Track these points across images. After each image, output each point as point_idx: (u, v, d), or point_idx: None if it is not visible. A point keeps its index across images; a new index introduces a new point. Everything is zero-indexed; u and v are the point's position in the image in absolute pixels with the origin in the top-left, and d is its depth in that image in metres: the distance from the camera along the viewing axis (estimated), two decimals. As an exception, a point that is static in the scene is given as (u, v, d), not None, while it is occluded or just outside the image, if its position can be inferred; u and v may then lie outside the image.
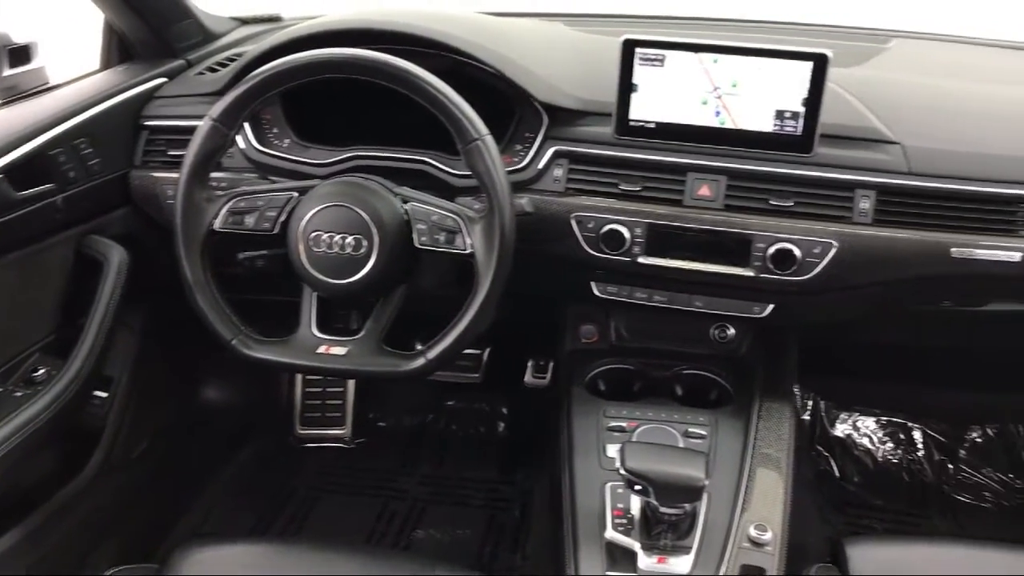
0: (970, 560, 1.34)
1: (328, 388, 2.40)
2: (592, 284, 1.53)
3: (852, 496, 2.22)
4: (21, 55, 1.58)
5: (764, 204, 1.39)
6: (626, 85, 1.38)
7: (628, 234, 1.41)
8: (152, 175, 1.59)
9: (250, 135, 1.53)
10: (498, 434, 2.42)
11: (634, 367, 1.64)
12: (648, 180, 1.42)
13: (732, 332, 1.62)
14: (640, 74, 1.37)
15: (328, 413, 2.39)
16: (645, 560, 1.18)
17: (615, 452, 1.24)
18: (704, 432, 1.44)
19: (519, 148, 1.47)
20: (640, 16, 2.05)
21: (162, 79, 1.68)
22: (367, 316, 1.34)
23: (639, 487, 1.16)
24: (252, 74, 1.28)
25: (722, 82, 1.36)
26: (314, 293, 1.33)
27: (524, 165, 1.45)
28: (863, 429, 2.34)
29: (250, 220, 1.32)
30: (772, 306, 1.47)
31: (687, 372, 1.62)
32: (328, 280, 1.28)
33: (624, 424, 1.46)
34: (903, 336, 1.80)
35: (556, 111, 1.46)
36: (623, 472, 1.16)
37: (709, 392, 1.60)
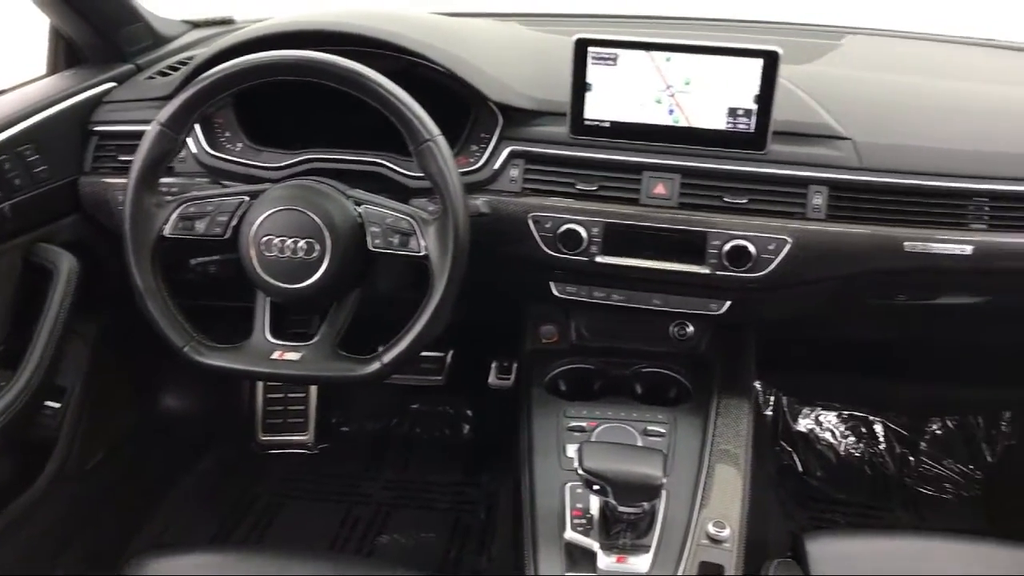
0: (927, 552, 1.35)
1: (290, 394, 2.37)
2: (551, 284, 1.53)
3: (815, 490, 2.23)
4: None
5: (719, 202, 1.39)
6: (580, 84, 1.38)
7: (585, 234, 1.41)
8: (102, 181, 1.57)
9: (202, 139, 1.51)
10: (463, 436, 2.41)
11: (594, 366, 1.64)
12: (604, 179, 1.42)
13: (691, 330, 1.62)
14: (593, 73, 1.37)
15: (290, 419, 2.37)
16: (604, 560, 1.18)
17: (575, 452, 1.23)
18: (663, 430, 1.44)
19: (475, 149, 1.47)
20: (597, 15, 2.05)
21: (111, 84, 1.66)
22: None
23: (597, 487, 1.16)
24: (200, 78, 1.26)
25: (675, 80, 1.36)
26: (267, 298, 1.32)
27: (480, 166, 1.45)
28: (825, 423, 2.35)
29: (201, 225, 1.30)
30: (729, 303, 1.47)
31: (647, 370, 1.62)
32: (281, 285, 1.27)
33: (584, 424, 1.46)
34: (861, 330, 1.81)
35: (511, 111, 1.46)
36: (581, 472, 1.16)
37: (669, 390, 1.60)
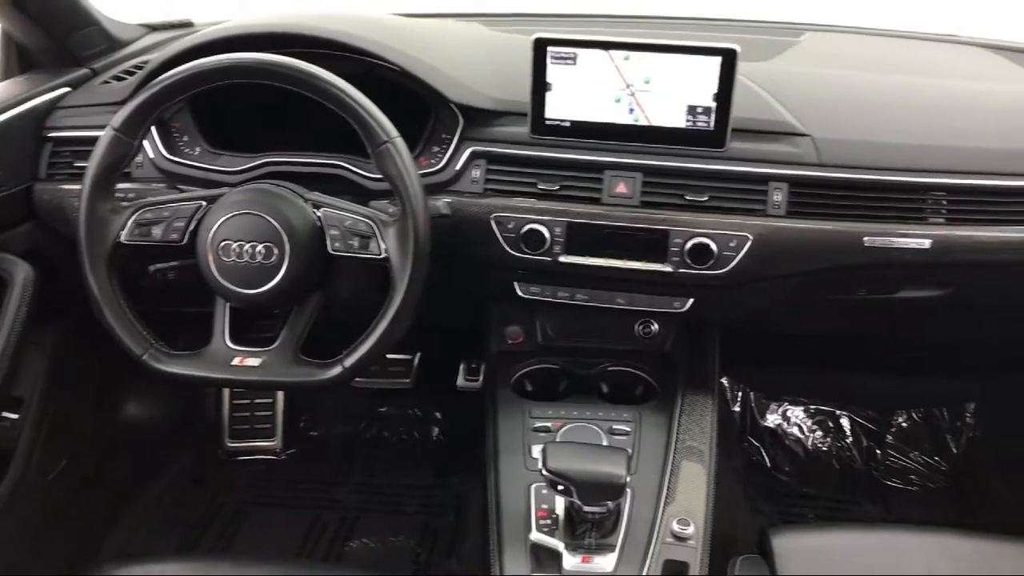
0: (891, 544, 1.36)
1: (257, 399, 2.35)
2: (515, 284, 1.53)
3: (783, 485, 2.24)
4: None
5: (680, 200, 1.39)
6: (540, 84, 1.38)
7: (548, 233, 1.41)
8: (57, 188, 1.54)
9: (159, 143, 1.49)
10: (432, 439, 2.40)
11: (560, 366, 1.64)
12: (566, 179, 1.42)
13: (656, 328, 1.63)
14: (553, 73, 1.37)
15: (257, 425, 2.34)
16: (570, 560, 1.18)
17: (540, 453, 1.23)
18: (628, 429, 1.45)
19: (436, 150, 1.46)
20: (560, 15, 2.05)
21: (66, 89, 1.63)
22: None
23: (561, 487, 1.16)
24: (154, 81, 1.24)
25: (634, 79, 1.36)
26: (227, 304, 1.30)
27: (441, 167, 1.44)
28: (792, 418, 2.37)
29: (157, 231, 1.28)
30: (692, 300, 1.47)
31: (612, 369, 1.62)
32: (239, 290, 1.26)
33: (549, 424, 1.46)
34: (823, 325, 1.82)
35: (471, 112, 1.45)
36: (545, 473, 1.16)
37: (634, 388, 1.60)
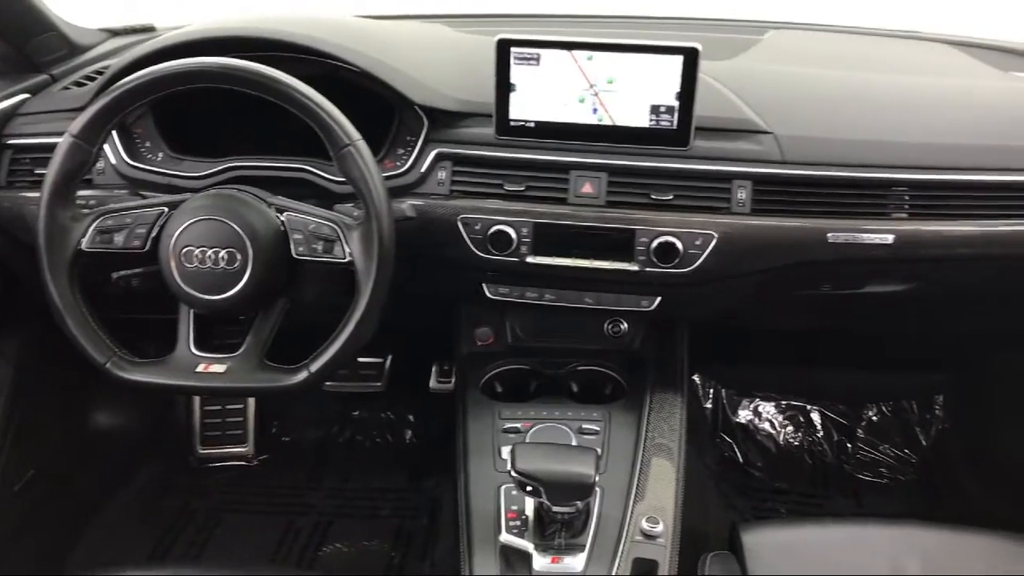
0: (860, 537, 1.38)
1: (228, 405, 2.33)
2: (483, 286, 1.52)
3: (756, 481, 2.26)
4: None
5: (645, 199, 1.39)
6: (504, 85, 1.38)
7: (515, 234, 1.41)
8: (17, 195, 1.52)
9: (120, 150, 1.48)
10: (406, 442, 2.40)
11: (530, 367, 1.64)
12: (532, 180, 1.42)
13: (625, 327, 1.63)
14: (517, 73, 1.37)
15: (229, 431, 2.33)
16: (539, 561, 1.19)
17: (509, 454, 1.23)
18: (598, 428, 1.45)
19: (401, 152, 1.45)
20: (524, 15, 2.04)
21: (24, 95, 1.60)
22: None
23: (530, 488, 1.16)
24: (112, 87, 1.23)
25: (598, 79, 1.36)
26: (191, 310, 1.29)
27: (407, 169, 1.44)
28: (764, 414, 2.38)
29: (119, 238, 1.27)
30: (659, 299, 1.48)
31: (582, 369, 1.63)
32: (203, 296, 1.25)
33: (519, 425, 1.46)
34: (791, 321, 1.83)
35: (436, 113, 1.45)
36: (514, 474, 1.16)
37: (604, 387, 1.61)
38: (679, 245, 1.37)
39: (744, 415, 2.38)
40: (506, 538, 1.23)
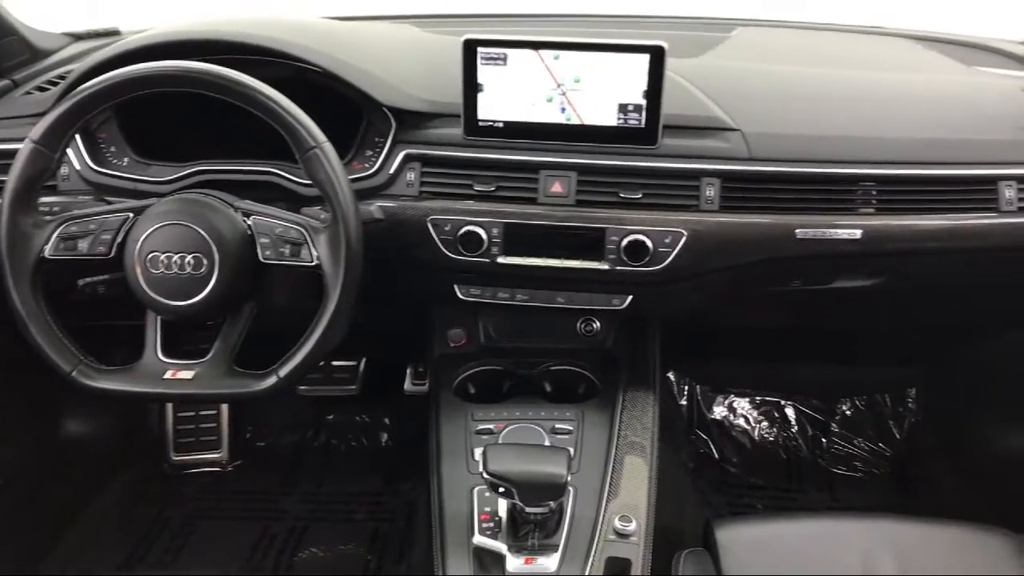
0: (833, 532, 1.39)
1: (201, 411, 2.32)
2: (455, 287, 1.52)
3: (732, 477, 2.27)
4: None
5: (615, 197, 1.40)
6: (471, 85, 1.37)
7: (485, 235, 1.40)
8: None
9: (85, 155, 1.46)
10: (381, 445, 2.39)
11: (503, 367, 1.64)
12: (501, 180, 1.42)
13: (598, 325, 1.63)
14: (484, 74, 1.36)
15: (202, 437, 2.31)
16: (513, 562, 1.18)
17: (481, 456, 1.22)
18: (571, 427, 1.45)
19: (369, 154, 1.45)
20: (493, 15, 2.03)
21: None
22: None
23: (503, 489, 1.15)
24: (73, 92, 1.22)
25: (565, 78, 1.36)
26: (158, 316, 1.28)
27: (375, 170, 1.43)
28: (739, 410, 2.39)
29: (83, 245, 1.25)
30: (631, 297, 1.48)
31: (555, 368, 1.62)
32: (169, 302, 1.23)
33: (492, 426, 1.46)
34: (763, 318, 1.84)
35: (404, 114, 1.44)
36: (486, 476, 1.15)
37: (577, 387, 1.60)
38: (649, 243, 1.37)
39: (719, 411, 2.39)
40: (479, 540, 1.22)
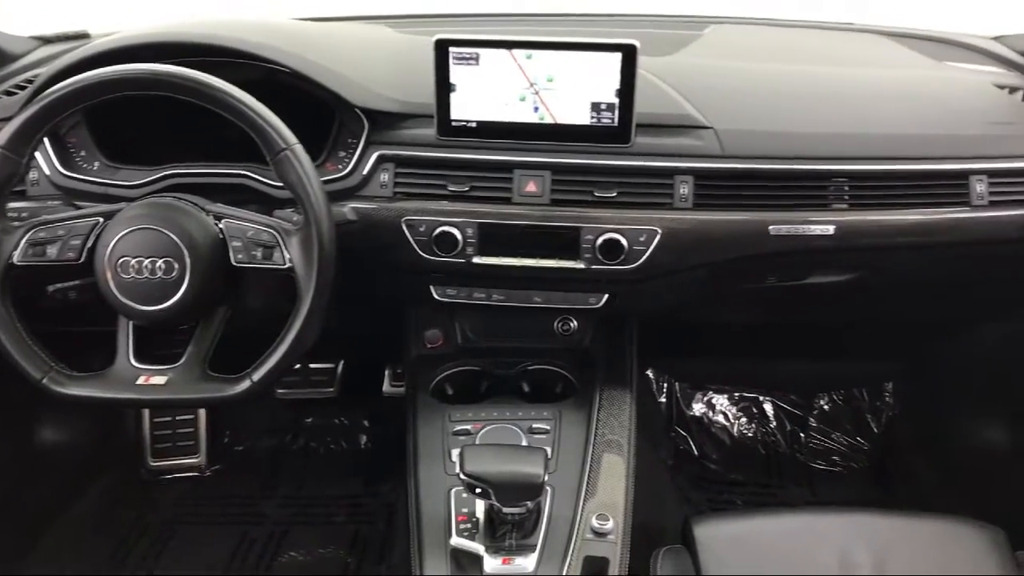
0: (811, 527, 1.40)
1: (179, 416, 2.30)
2: (430, 288, 1.51)
3: (711, 473, 2.28)
4: None
5: (589, 196, 1.40)
6: (444, 85, 1.37)
7: (460, 235, 1.40)
8: None
9: (54, 159, 1.44)
10: (360, 447, 2.38)
11: (480, 368, 1.63)
12: (476, 180, 1.41)
13: (575, 324, 1.63)
14: (457, 73, 1.36)
15: (180, 442, 2.29)
16: (490, 562, 1.18)
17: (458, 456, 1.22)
18: (548, 427, 1.45)
19: (342, 155, 1.44)
20: (465, 15, 2.02)
21: None
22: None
23: (480, 490, 1.15)
24: (40, 96, 1.20)
25: (537, 78, 1.36)
26: (130, 322, 1.27)
27: (348, 172, 1.42)
28: (718, 406, 2.40)
29: (52, 251, 1.24)
30: (607, 296, 1.48)
31: (532, 368, 1.62)
32: (140, 307, 1.22)
33: (469, 427, 1.45)
34: (739, 314, 1.84)
35: (377, 115, 1.43)
36: (463, 477, 1.15)
37: (555, 386, 1.60)
38: (624, 242, 1.37)
39: (698, 408, 2.40)
40: (457, 541, 1.22)
